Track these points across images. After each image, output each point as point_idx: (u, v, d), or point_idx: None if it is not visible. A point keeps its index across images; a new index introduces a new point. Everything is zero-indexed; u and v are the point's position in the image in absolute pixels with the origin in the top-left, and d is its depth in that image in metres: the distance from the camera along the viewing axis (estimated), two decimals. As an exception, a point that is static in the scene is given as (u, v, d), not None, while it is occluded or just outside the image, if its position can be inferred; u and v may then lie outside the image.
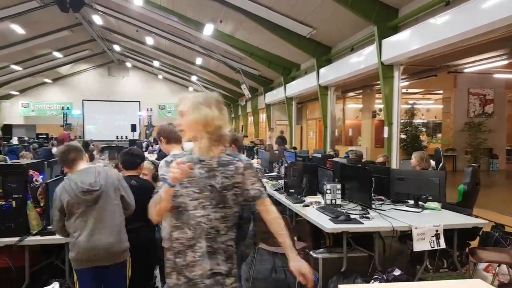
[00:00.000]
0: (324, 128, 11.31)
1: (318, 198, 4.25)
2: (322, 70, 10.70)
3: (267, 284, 3.92)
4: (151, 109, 25.62)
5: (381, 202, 4.00)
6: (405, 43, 6.90)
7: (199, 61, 16.80)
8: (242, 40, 12.32)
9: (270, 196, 5.09)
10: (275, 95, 15.76)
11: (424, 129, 13.82)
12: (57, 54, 19.42)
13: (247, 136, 20.12)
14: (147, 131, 23.83)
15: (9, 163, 3.51)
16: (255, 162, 8.47)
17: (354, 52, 9.00)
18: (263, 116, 19.29)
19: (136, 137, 21.28)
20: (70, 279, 2.89)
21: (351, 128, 15.82)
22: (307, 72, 12.22)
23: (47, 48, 18.29)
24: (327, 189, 3.93)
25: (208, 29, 11.20)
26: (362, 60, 8.53)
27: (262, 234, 3.47)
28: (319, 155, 6.98)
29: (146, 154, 10.29)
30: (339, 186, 3.95)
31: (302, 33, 10.02)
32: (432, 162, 5.94)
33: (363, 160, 6.90)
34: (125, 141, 20.15)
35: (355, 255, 3.39)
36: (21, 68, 19.69)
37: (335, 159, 6.11)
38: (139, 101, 26.23)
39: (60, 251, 3.04)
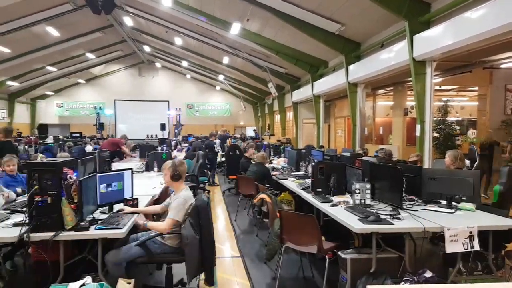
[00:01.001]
0: (353, 126, 11.12)
1: (347, 197, 4.20)
2: (351, 67, 10.52)
3: (295, 283, 3.90)
4: (179, 108, 26.08)
5: (412, 202, 3.88)
6: (438, 38, 6.66)
7: (226, 60, 16.91)
8: (268, 38, 12.30)
9: (297, 195, 5.06)
10: (302, 93, 15.63)
11: (458, 127, 13.28)
12: (90, 55, 20.11)
13: (273, 135, 20.09)
14: (176, 130, 24.28)
15: (44, 161, 3.64)
16: (282, 161, 8.46)
17: (385, 48, 8.79)
18: (290, 115, 19.19)
19: (166, 136, 21.73)
20: (102, 273, 2.97)
21: (382, 126, 15.45)
22: (335, 69, 12.05)
23: (81, 50, 18.98)
24: (356, 189, 3.87)
25: (235, 28, 11.24)
26: (393, 56, 8.32)
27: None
28: (348, 154, 6.87)
29: (174, 152, 10.50)
30: (368, 185, 3.88)
31: (330, 30, 9.88)
32: (467, 162, 5.72)
33: (393, 159, 6.75)
34: (155, 139, 20.61)
35: (385, 256, 3.32)
36: (55, 69, 20.52)
37: (364, 158, 5.98)
38: (168, 101, 26.75)
39: (93, 247, 3.13)
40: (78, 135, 20.56)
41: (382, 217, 3.33)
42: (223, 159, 11.90)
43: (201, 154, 8.50)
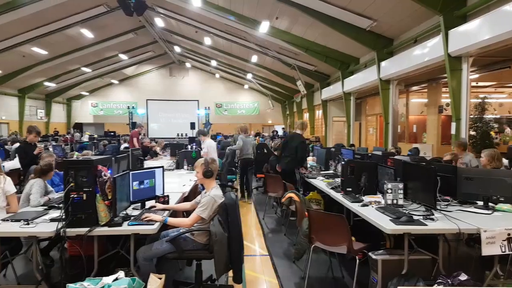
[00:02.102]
0: (386, 124, 10.85)
1: (378, 197, 4.12)
2: (383, 64, 10.27)
3: (324, 283, 3.85)
4: (208, 107, 26.42)
5: (446, 203, 3.74)
6: (474, 33, 6.39)
7: (254, 58, 16.94)
8: (297, 35, 12.21)
9: (326, 195, 4.99)
10: (332, 91, 15.41)
11: (496, 125, 12.65)
12: (122, 56, 20.74)
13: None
14: (205, 129, 24.57)
15: (80, 158, 3.78)
16: (310, 160, 8.38)
17: (418, 43, 8.54)
18: (319, 113, 18.97)
19: (195, 135, 22.03)
20: (135, 268, 3.05)
21: (415, 124, 14.98)
22: (366, 65, 11.81)
23: (114, 51, 19.61)
24: (388, 189, 3.77)
25: (264, 27, 11.24)
26: (427, 52, 8.06)
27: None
28: (379, 153, 6.71)
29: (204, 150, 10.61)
30: (401, 185, 3.77)
31: (361, 26, 9.69)
32: (505, 161, 5.45)
33: (428, 158, 6.54)
34: (184, 138, 20.98)
35: (417, 257, 3.22)
36: (90, 70, 21.33)
37: (397, 157, 5.82)
38: (197, 100, 27.16)
39: (125, 242, 3.22)
40: (112, 133, 21.25)
41: (415, 217, 3.23)
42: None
43: (229, 153, 8.56)
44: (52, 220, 3.11)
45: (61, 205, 3.06)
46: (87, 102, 27.35)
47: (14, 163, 6.70)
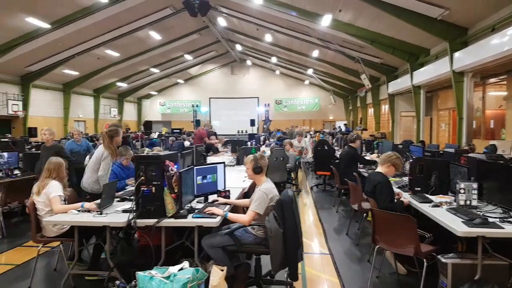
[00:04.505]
0: (459, 119, 10.08)
1: (449, 198, 3.89)
2: (456, 54, 9.52)
3: (389, 285, 3.68)
4: (268, 104, 26.57)
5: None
6: None
7: (315, 53, 16.67)
8: (362, 27, 11.76)
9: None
10: (399, 84, 14.63)
11: None
12: (187, 57, 21.63)
13: (366, 129, 19.23)
14: (265, 126, 24.79)
15: (150, 154, 4.01)
16: (375, 157, 8.04)
17: (496, 32, 7.79)
18: (385, 108, 18.12)
19: (255, 131, 22.33)
20: (199, 259, 3.16)
21: (493, 119, 13.69)
22: (438, 57, 11.05)
23: (179, 51, 20.53)
24: (460, 189, 3.54)
25: (326, 20, 10.99)
26: (507, 41, 7.31)
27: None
28: (452, 150, 6.26)
29: (263, 147, 10.74)
30: (475, 185, 3.51)
31: (431, 15, 9.07)
32: None
33: (506, 156, 5.98)
34: (245, 135, 21.32)
35: (493, 262, 2.99)
36: (158, 71, 22.56)
37: (471, 154, 5.38)
38: (257, 97, 27.46)
39: (190, 234, 3.35)
40: (178, 131, 22.30)
41: (490, 220, 3.02)
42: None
43: (277, 151, 8.49)
44: (124, 211, 3.33)
45: (132, 197, 3.25)
46: (156, 101, 29.00)
47: None
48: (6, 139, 11.74)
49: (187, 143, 12.17)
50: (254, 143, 10.82)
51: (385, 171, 4.02)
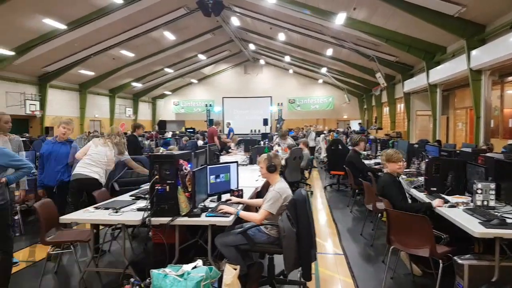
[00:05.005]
0: (477, 118, 9.88)
1: (466, 198, 3.83)
2: (473, 52, 9.33)
3: (404, 286, 3.63)
4: (281, 103, 26.50)
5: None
6: None
7: (329, 52, 16.55)
8: (377, 25, 11.62)
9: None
10: (415, 82, 14.41)
11: None
12: (201, 56, 21.75)
13: (381, 129, 19.00)
14: (278, 125, 24.74)
15: (164, 153, 4.04)
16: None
17: (516, 28, 7.59)
18: (400, 106, 17.87)
19: (268, 131, 22.30)
20: (212, 257, 3.18)
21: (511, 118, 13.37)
22: (454, 55, 10.84)
23: (193, 51, 20.66)
24: (477, 189, 3.48)
25: (340, 18, 10.90)
26: (527, 37, 7.12)
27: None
28: (469, 150, 6.13)
29: (276, 147, 10.73)
30: (493, 185, 3.45)
31: (448, 12, 8.91)
32: None
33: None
34: (257, 134, 21.32)
35: (510, 264, 2.93)
36: (172, 71, 22.74)
37: (488, 154, 5.27)
38: (270, 96, 27.41)
39: (204, 232, 3.37)
40: (192, 130, 22.43)
41: (509, 221, 2.96)
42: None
43: (296, 150, 8.46)
44: (139, 209, 3.37)
45: (147, 195, 3.29)
46: (170, 101, 29.25)
47: None
48: (24, 138, 12.02)
49: (200, 143, 12.23)
50: (267, 142, 10.81)
51: (391, 170, 4.02)
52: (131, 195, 4.11)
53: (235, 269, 2.85)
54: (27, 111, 15.96)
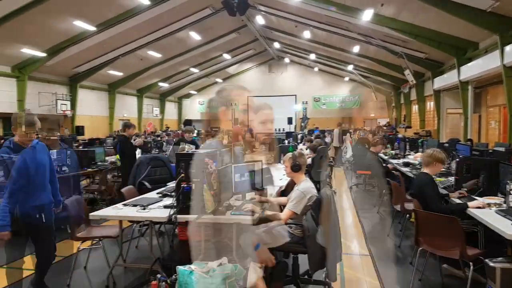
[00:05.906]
0: (510, 116, 9.48)
1: (499, 199, 3.71)
2: (507, 48, 8.95)
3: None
4: (306, 101, 26.28)
5: None
6: None
7: (356, 49, 16.28)
8: (406, 21, 11.32)
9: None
10: (445, 80, 13.95)
11: None
12: (226, 56, 21.89)
13: (410, 127, 18.54)
14: (302, 124, 24.57)
15: (190, 151, 4.09)
16: (419, 156, 7.73)
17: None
18: (430, 104, 17.35)
19: (292, 130, 22.20)
20: (237, 255, 3.20)
21: (549, 116, 12.74)
22: (487, 51, 10.42)
23: (218, 51, 20.82)
24: (510, 190, 3.37)
25: (368, 15, 10.69)
26: None
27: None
28: (502, 149, 5.90)
29: (300, 145, 10.68)
30: None
31: (480, 7, 8.58)
32: None
33: None
34: (282, 133, 21.25)
35: None
36: (197, 70, 23.02)
37: (524, 153, 5.05)
38: (295, 95, 27.25)
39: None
40: (216, 129, 22.57)
41: None
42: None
43: (322, 149, 8.36)
44: (166, 207, 3.44)
45: (173, 193, 3.35)
46: (195, 100, 29.63)
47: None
48: (55, 137, 12.47)
49: (224, 142, 12.32)
50: (291, 141, 10.78)
51: (432, 171, 3.86)
52: (157, 193, 4.20)
53: (260, 268, 2.85)
54: (59, 111, 16.55)
